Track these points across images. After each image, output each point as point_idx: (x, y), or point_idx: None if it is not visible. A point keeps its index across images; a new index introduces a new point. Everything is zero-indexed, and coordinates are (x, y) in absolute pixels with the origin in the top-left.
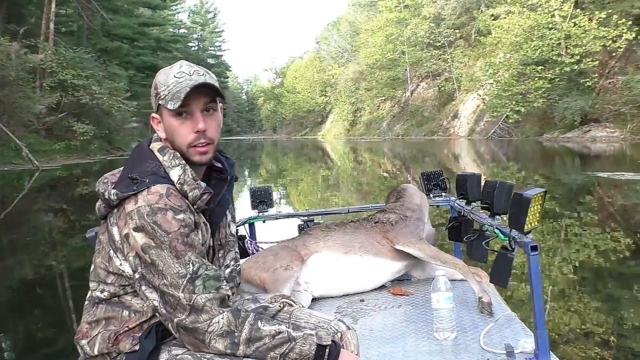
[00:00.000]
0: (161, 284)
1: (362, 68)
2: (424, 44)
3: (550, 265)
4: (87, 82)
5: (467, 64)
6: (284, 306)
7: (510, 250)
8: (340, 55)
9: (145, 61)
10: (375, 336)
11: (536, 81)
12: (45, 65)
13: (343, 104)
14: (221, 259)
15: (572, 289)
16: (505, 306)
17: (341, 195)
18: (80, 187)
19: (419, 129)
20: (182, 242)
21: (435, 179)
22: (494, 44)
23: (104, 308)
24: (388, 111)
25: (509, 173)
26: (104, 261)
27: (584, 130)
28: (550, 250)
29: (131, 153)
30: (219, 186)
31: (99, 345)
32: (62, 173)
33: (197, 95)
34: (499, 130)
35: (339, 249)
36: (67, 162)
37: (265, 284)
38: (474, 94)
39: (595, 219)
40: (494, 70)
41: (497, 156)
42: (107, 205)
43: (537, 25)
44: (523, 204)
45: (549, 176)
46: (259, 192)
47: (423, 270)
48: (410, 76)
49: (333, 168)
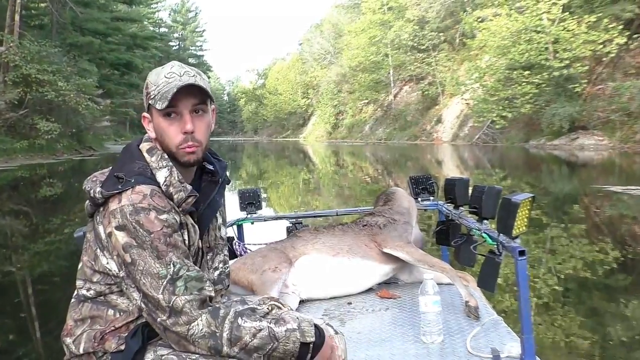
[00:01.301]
0: (141, 284)
1: (344, 70)
2: (408, 47)
3: (536, 277)
4: (53, 77)
5: (452, 68)
6: (272, 309)
7: (498, 255)
8: (323, 57)
9: (120, 58)
10: (362, 339)
11: (523, 86)
12: (7, 58)
13: (325, 107)
14: (210, 262)
15: (559, 298)
16: (492, 310)
17: (322, 199)
18: (38, 190)
19: (402, 133)
20: (164, 242)
21: (424, 182)
22: (480, 47)
23: (90, 307)
24: (371, 114)
25: (493, 180)
26: (90, 260)
27: (571, 137)
28: (536, 260)
29: (121, 152)
30: (209, 188)
31: (85, 344)
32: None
33: (186, 96)
34: (484, 135)
35: (327, 252)
36: (28, 162)
37: (253, 285)
38: (458, 98)
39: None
40: (480, 75)
41: (481, 162)
42: (93, 204)
43: (524, 29)
44: (511, 208)
45: (535, 184)
46: (247, 194)
47: (410, 273)
48: (394, 79)
49: (314, 171)
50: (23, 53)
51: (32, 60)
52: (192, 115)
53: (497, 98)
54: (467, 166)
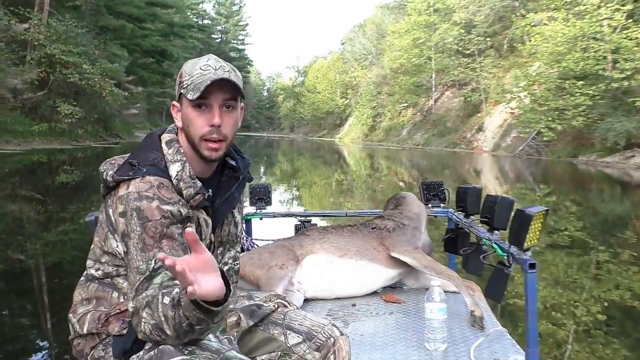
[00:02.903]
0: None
1: (385, 72)
2: (452, 50)
3: (577, 302)
4: (78, 59)
5: (497, 75)
6: (278, 307)
7: (508, 266)
8: (364, 58)
9: (155, 45)
10: (365, 342)
11: (577, 97)
12: (31, 37)
13: (363, 108)
14: (219, 256)
15: (601, 327)
16: (497, 321)
17: (354, 202)
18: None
19: (440, 139)
20: (158, 232)
21: (435, 189)
22: (531, 53)
23: (96, 287)
24: (409, 119)
25: (536, 196)
26: (100, 240)
27: (626, 155)
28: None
29: (142, 139)
30: (228, 184)
31: (89, 325)
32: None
33: (217, 89)
34: (528, 147)
35: (334, 252)
36: (42, 146)
37: (259, 281)
38: (502, 106)
39: None
40: (529, 82)
41: (523, 176)
42: (105, 186)
43: (581, 35)
44: (525, 220)
45: (582, 203)
46: (258, 189)
47: (417, 279)
48: (435, 83)
49: (348, 173)
50: (49, 32)
51: (57, 40)
52: (221, 109)
53: (547, 108)
54: (508, 179)
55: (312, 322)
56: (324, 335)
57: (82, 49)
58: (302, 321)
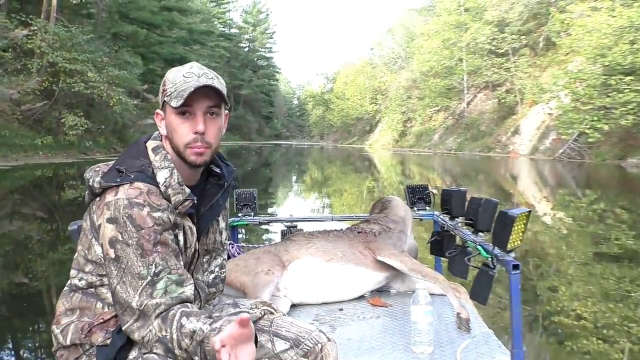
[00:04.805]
0: (120, 284)
1: (415, 75)
2: (485, 50)
3: (632, 321)
4: (83, 67)
5: (533, 75)
6: (264, 314)
7: (492, 268)
8: (393, 62)
9: (174, 53)
10: (352, 346)
11: (625, 94)
12: (33, 44)
13: (393, 113)
14: (205, 264)
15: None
16: (483, 323)
17: None
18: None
19: (473, 143)
20: (153, 239)
21: (420, 192)
22: (571, 48)
23: (80, 297)
24: (441, 123)
25: (582, 203)
26: (84, 249)
27: None
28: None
29: (128, 146)
30: (213, 191)
31: (72, 335)
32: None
33: (201, 97)
34: (569, 150)
35: (321, 257)
36: (41, 160)
37: (245, 287)
38: (539, 107)
39: None
40: (570, 80)
41: (565, 181)
42: (90, 193)
43: (630, 26)
44: (507, 222)
45: (633, 209)
46: (243, 196)
47: (403, 282)
48: (467, 86)
49: (379, 180)
50: (53, 39)
51: (61, 47)
52: (205, 116)
53: (591, 107)
54: (548, 184)
55: (299, 329)
56: (311, 342)
57: (88, 56)
58: (289, 328)
